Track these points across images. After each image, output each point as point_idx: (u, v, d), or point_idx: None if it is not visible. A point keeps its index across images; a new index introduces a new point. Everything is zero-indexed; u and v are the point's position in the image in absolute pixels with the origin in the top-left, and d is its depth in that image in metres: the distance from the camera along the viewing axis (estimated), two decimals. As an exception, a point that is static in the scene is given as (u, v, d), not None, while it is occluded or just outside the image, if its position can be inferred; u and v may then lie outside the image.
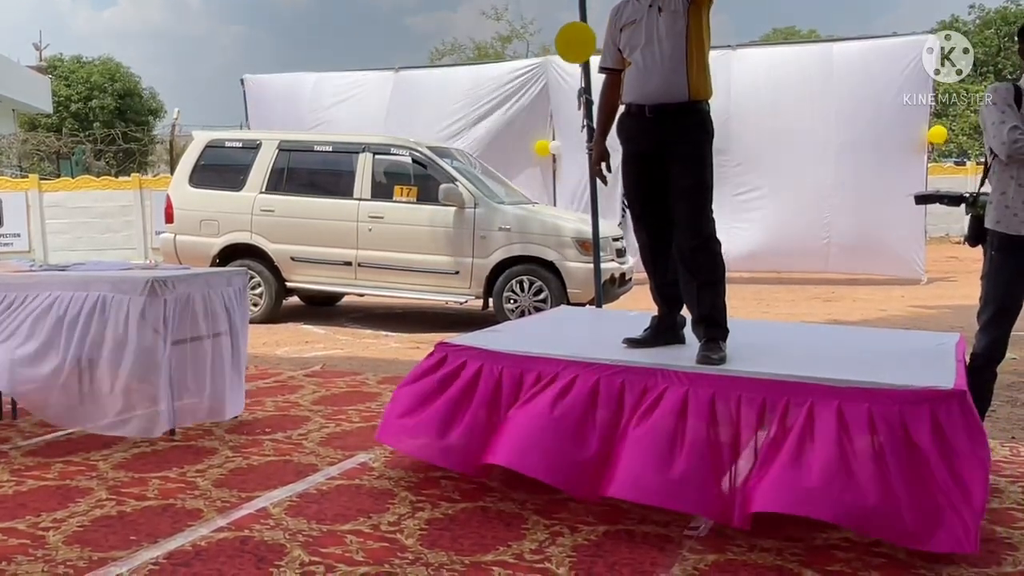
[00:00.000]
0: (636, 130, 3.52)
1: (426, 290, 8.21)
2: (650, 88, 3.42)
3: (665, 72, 3.38)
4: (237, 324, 4.54)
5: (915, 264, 11.94)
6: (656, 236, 3.63)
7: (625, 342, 3.55)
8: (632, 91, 3.49)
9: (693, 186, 3.44)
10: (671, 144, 3.43)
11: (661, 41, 3.37)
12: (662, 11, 3.37)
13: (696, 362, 3.24)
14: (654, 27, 3.39)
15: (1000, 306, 3.42)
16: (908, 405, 2.79)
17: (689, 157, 3.44)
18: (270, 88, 14.21)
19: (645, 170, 3.54)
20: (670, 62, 3.37)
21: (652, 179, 3.54)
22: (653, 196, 3.56)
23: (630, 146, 3.58)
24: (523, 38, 34.56)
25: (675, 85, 3.38)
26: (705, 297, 3.46)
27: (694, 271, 3.49)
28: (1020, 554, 2.81)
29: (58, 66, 31.29)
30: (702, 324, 3.45)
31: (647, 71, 3.41)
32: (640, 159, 3.54)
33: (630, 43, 3.47)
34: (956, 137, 25.33)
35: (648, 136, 3.47)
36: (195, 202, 8.72)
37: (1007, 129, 3.33)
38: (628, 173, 3.62)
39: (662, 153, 3.46)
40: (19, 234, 15.92)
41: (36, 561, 2.76)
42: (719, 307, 3.46)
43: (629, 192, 3.68)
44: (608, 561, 2.77)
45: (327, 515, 3.17)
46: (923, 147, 11.94)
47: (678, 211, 3.48)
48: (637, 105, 3.47)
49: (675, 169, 3.46)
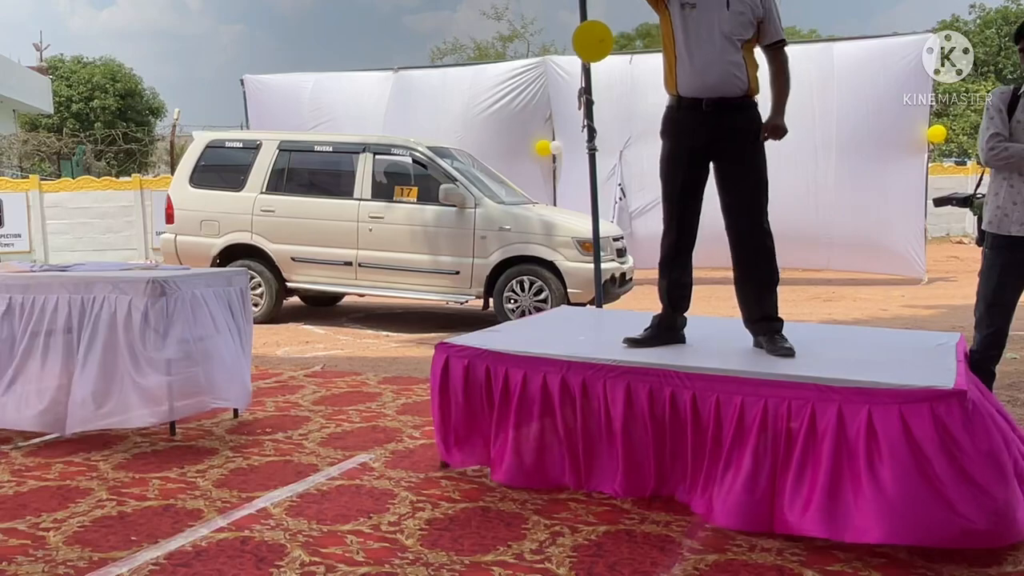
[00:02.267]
0: (690, 124, 3.46)
1: (426, 290, 8.21)
2: (709, 82, 3.38)
3: (724, 66, 3.36)
4: (240, 323, 4.54)
5: (916, 264, 11.93)
6: (687, 235, 3.59)
7: (625, 342, 3.54)
8: (688, 83, 3.43)
9: (757, 183, 3.46)
10: (727, 140, 3.41)
11: (724, 36, 3.35)
12: (730, 7, 3.35)
13: (773, 355, 3.33)
14: (715, 20, 3.35)
15: (991, 302, 3.48)
16: (909, 404, 2.79)
17: (751, 153, 3.44)
18: (270, 88, 14.21)
19: (693, 166, 3.50)
20: (730, 55, 3.35)
21: (698, 176, 3.52)
22: (695, 194, 3.54)
23: (681, 140, 3.51)
24: (524, 38, 34.57)
25: (735, 79, 3.37)
26: (768, 297, 3.54)
27: (757, 271, 3.53)
28: (1021, 553, 2.81)
29: (59, 66, 31.29)
30: (765, 321, 3.50)
31: (705, 64, 3.37)
32: (690, 154, 3.49)
33: (688, 27, 3.39)
34: (956, 137, 25.31)
35: (704, 131, 3.42)
36: (195, 202, 8.72)
37: (988, 136, 3.46)
38: (674, 168, 3.54)
39: (715, 149, 3.44)
40: (20, 234, 15.92)
41: (36, 561, 2.77)
42: (776, 304, 3.56)
43: (672, 188, 3.57)
44: (608, 561, 2.77)
45: (327, 515, 3.17)
46: (923, 147, 11.94)
47: (738, 210, 3.47)
48: (692, 98, 3.42)
49: (733, 167, 3.45)
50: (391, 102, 13.44)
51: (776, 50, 3.53)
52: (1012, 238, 3.43)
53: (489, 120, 13.08)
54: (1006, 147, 3.39)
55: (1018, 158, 3.38)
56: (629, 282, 8.44)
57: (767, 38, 3.48)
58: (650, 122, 12.09)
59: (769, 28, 3.46)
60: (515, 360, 3.45)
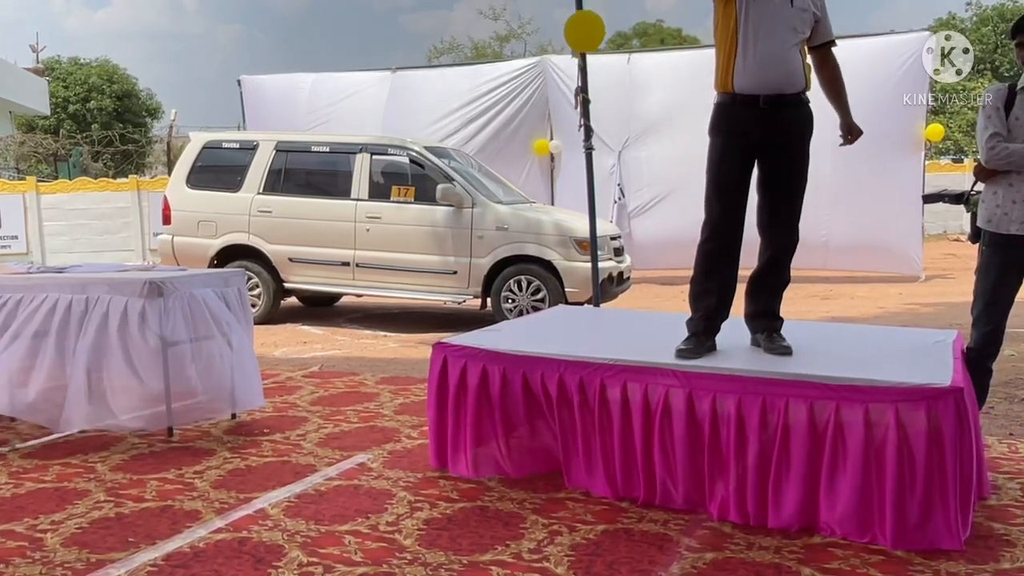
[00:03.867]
0: (746, 120, 3.37)
1: (424, 290, 8.21)
2: (770, 78, 3.31)
3: (786, 62, 3.32)
4: (239, 323, 4.53)
5: (913, 261, 11.95)
6: (738, 235, 3.46)
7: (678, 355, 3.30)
8: (747, 78, 3.33)
9: (800, 183, 3.45)
10: (780, 137, 3.38)
11: (789, 30, 3.31)
12: (794, 3, 3.31)
13: (770, 353, 3.33)
14: (783, 12, 3.30)
15: (989, 300, 3.47)
16: (905, 402, 2.79)
17: (799, 152, 3.43)
18: (267, 89, 14.20)
19: (746, 164, 3.42)
20: (791, 52, 3.32)
21: (749, 174, 3.45)
22: (745, 193, 3.44)
23: (736, 137, 3.40)
24: (521, 38, 34.56)
25: (794, 75, 3.34)
26: (779, 296, 3.55)
27: (779, 271, 3.54)
28: (1018, 551, 2.81)
29: (55, 68, 31.25)
30: (768, 318, 3.50)
31: (767, 60, 3.31)
32: (743, 151, 3.41)
33: (753, 17, 3.30)
34: (953, 134, 25.33)
35: (760, 128, 3.35)
36: (193, 203, 8.72)
37: (987, 136, 3.43)
38: (728, 166, 3.41)
39: (765, 146, 3.38)
40: (17, 236, 15.90)
41: (34, 563, 2.76)
42: (780, 304, 3.57)
43: (724, 187, 3.41)
44: (607, 560, 2.77)
45: (325, 516, 3.17)
46: (920, 144, 11.95)
47: (776, 205, 3.45)
48: (750, 95, 3.34)
49: (780, 163, 3.41)
50: (389, 102, 13.43)
51: (827, 51, 3.50)
52: (1012, 236, 3.42)
53: (487, 120, 13.08)
54: (1006, 147, 3.38)
55: (1019, 157, 3.36)
56: (627, 281, 8.44)
57: (821, 37, 3.44)
58: (648, 122, 12.22)
59: (824, 27, 3.44)
60: (513, 360, 3.45)
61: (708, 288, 3.49)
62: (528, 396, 3.42)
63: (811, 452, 2.93)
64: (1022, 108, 3.40)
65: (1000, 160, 3.39)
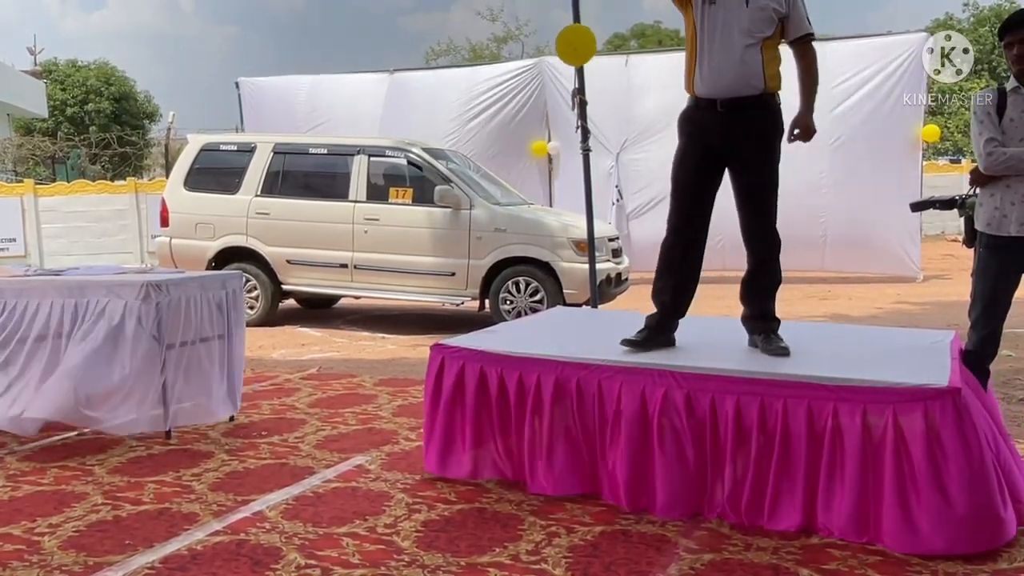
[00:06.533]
0: (705, 125, 3.41)
1: (422, 292, 8.21)
2: (724, 82, 3.33)
3: (740, 66, 3.30)
4: (233, 327, 4.53)
5: (911, 262, 11.96)
6: (697, 236, 3.53)
7: (624, 344, 3.46)
8: (704, 84, 3.38)
9: (766, 185, 3.43)
10: (742, 140, 3.37)
11: (742, 34, 3.30)
12: (749, 3, 3.30)
13: (767, 354, 3.32)
14: (735, 17, 3.30)
15: (987, 303, 3.46)
16: (903, 403, 2.80)
17: (765, 153, 3.41)
18: (265, 91, 14.21)
19: (706, 165, 3.45)
20: (747, 54, 3.30)
21: (710, 177, 3.48)
22: (706, 195, 3.49)
23: (696, 140, 3.45)
24: (518, 39, 34.58)
25: (750, 79, 3.32)
26: (771, 296, 3.54)
27: (767, 274, 3.52)
28: (1016, 551, 2.81)
29: (53, 70, 31.24)
30: (764, 319, 3.51)
31: (721, 64, 3.32)
32: (704, 152, 3.43)
33: (707, 24, 3.34)
34: (951, 135, 25.36)
35: (719, 131, 3.37)
36: (191, 205, 8.72)
37: (983, 142, 3.40)
38: (687, 166, 3.47)
39: (729, 150, 3.40)
40: (15, 239, 15.89)
41: (32, 567, 2.76)
42: (774, 305, 3.56)
43: (684, 186, 3.50)
44: (604, 561, 2.77)
45: (323, 518, 3.17)
46: (918, 146, 11.96)
47: (752, 210, 3.45)
48: (708, 99, 3.38)
49: (745, 167, 3.42)
50: (387, 104, 13.44)
51: (803, 45, 3.45)
52: (1011, 238, 3.40)
53: (485, 121, 13.10)
54: (1004, 152, 3.36)
55: (1017, 161, 3.35)
56: (625, 282, 8.44)
57: (793, 32, 3.41)
58: (646, 123, 12.22)
59: (795, 22, 3.39)
60: (511, 361, 3.44)
61: (664, 286, 3.59)
62: (526, 397, 3.41)
63: (809, 453, 2.93)
64: (1015, 109, 3.38)
65: (999, 165, 3.37)
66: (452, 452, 3.56)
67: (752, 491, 3.01)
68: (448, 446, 3.57)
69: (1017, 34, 3.36)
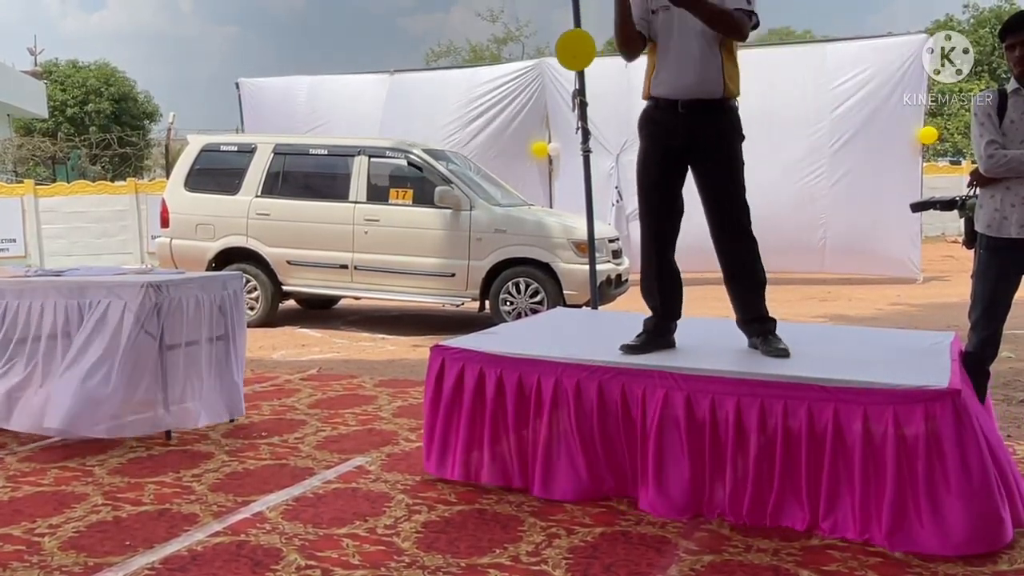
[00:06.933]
0: (665, 125, 3.43)
1: (422, 292, 8.21)
2: (684, 83, 3.35)
3: (700, 67, 3.32)
4: (233, 328, 4.53)
5: (911, 263, 11.96)
6: (666, 237, 3.55)
7: (622, 349, 3.45)
8: (664, 85, 3.41)
9: (733, 184, 3.43)
10: (703, 141, 3.39)
11: (697, 35, 3.30)
12: None
13: (767, 356, 3.31)
14: (688, 18, 3.30)
15: (988, 304, 3.45)
16: (903, 404, 2.80)
17: (724, 156, 3.41)
18: (265, 92, 14.21)
19: (669, 165, 3.47)
20: (706, 57, 3.31)
21: (674, 176, 3.49)
22: (670, 194, 3.51)
23: (656, 140, 3.48)
24: (519, 40, 34.61)
25: (710, 81, 3.33)
26: (758, 298, 3.51)
27: (744, 274, 3.50)
28: (1015, 552, 2.81)
29: (53, 70, 31.25)
30: (757, 322, 3.49)
31: (680, 65, 3.34)
32: (665, 153, 3.45)
33: (660, 31, 3.38)
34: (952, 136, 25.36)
35: (679, 131, 3.39)
36: (191, 206, 8.72)
37: (984, 144, 3.39)
38: (650, 167, 3.50)
39: (692, 151, 3.41)
40: (15, 239, 15.91)
41: (32, 567, 2.76)
42: (765, 305, 3.53)
43: (647, 187, 3.53)
44: (604, 562, 2.77)
45: (323, 519, 3.17)
46: (918, 147, 11.97)
47: (718, 212, 3.45)
48: (668, 99, 3.40)
49: (708, 168, 3.43)
50: (387, 105, 13.45)
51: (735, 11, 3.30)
52: (1012, 240, 3.40)
53: (485, 123, 13.10)
54: (1005, 154, 3.35)
55: (1018, 163, 3.34)
56: (625, 283, 8.44)
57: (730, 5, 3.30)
58: (646, 124, 12.15)
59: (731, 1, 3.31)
60: (511, 362, 3.44)
61: (650, 288, 3.62)
62: (526, 399, 3.41)
63: (809, 454, 2.93)
64: (1016, 111, 3.38)
65: (1000, 168, 3.36)
66: (452, 453, 3.56)
67: (752, 492, 3.01)
68: (448, 447, 3.57)
69: (1018, 36, 3.36)
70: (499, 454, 3.48)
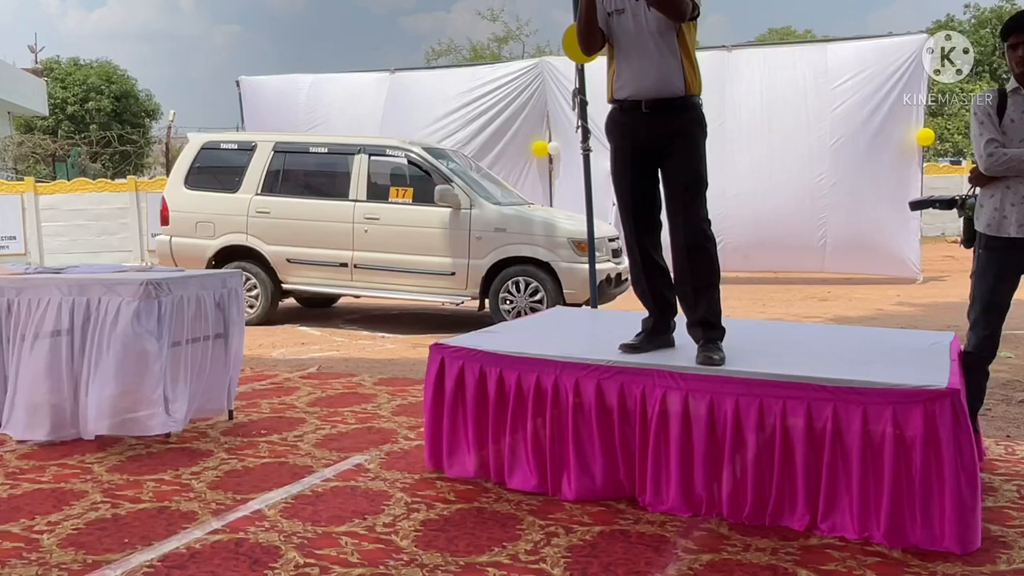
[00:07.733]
0: (631, 125, 3.46)
1: (422, 291, 8.21)
2: (645, 84, 3.37)
3: (659, 67, 3.34)
4: (232, 326, 4.53)
5: (911, 263, 11.96)
6: (649, 238, 3.57)
7: (621, 348, 3.45)
8: (626, 87, 3.44)
9: (690, 182, 3.41)
10: (667, 139, 3.40)
11: (653, 35, 3.33)
12: (651, 9, 3.31)
13: (697, 363, 3.20)
14: (643, 21, 3.33)
15: (987, 304, 3.46)
16: (902, 404, 2.80)
17: (686, 152, 3.41)
18: (266, 90, 14.20)
19: (639, 165, 3.50)
20: (664, 56, 3.33)
21: (645, 176, 3.51)
22: (646, 194, 3.54)
23: (624, 140, 3.52)
24: (519, 39, 34.61)
25: (671, 80, 3.35)
26: (702, 300, 3.41)
27: (691, 273, 3.41)
28: (1014, 552, 2.81)
29: (54, 68, 31.24)
30: (699, 327, 3.40)
31: (640, 66, 3.37)
32: (634, 154, 3.49)
33: (618, 33, 3.42)
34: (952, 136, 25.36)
35: (644, 131, 3.42)
36: (191, 204, 8.72)
37: (984, 143, 3.38)
38: (621, 169, 3.56)
39: (657, 150, 3.43)
40: (15, 237, 15.90)
41: (30, 564, 2.76)
42: (716, 310, 3.42)
43: (623, 189, 3.59)
44: (603, 561, 2.77)
45: (322, 517, 3.17)
46: (918, 147, 11.97)
47: (674, 208, 3.44)
48: (632, 100, 3.43)
49: (671, 165, 3.43)
50: (387, 103, 13.44)
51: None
52: (1011, 239, 3.41)
53: (485, 121, 13.10)
54: (1004, 153, 3.35)
55: (1018, 162, 3.34)
56: (625, 282, 8.42)
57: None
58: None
59: None
60: (511, 361, 3.44)
61: (641, 289, 3.66)
62: (525, 398, 3.41)
63: (808, 454, 2.94)
64: (1016, 110, 3.38)
65: (1000, 167, 3.36)
66: (451, 452, 3.57)
67: (752, 492, 3.01)
68: (447, 446, 3.57)
69: (1021, 35, 3.36)
70: (498, 452, 3.48)
